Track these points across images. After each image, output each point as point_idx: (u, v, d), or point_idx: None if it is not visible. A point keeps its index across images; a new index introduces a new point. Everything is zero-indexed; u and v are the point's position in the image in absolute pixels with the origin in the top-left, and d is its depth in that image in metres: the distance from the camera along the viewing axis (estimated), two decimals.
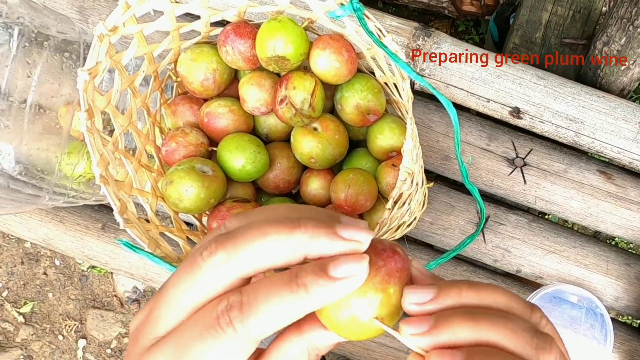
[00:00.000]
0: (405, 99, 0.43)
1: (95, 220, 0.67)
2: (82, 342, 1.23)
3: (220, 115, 0.49)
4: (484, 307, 0.21)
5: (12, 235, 1.25)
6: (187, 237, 0.49)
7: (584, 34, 0.66)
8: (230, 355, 0.20)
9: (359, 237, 0.21)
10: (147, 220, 0.46)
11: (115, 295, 1.22)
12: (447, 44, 0.61)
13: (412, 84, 0.64)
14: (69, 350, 1.23)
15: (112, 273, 1.22)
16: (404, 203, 0.45)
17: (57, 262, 1.23)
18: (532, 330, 0.21)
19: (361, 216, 0.54)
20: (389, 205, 0.41)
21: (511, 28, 0.69)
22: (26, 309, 1.23)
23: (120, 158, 0.45)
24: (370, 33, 0.40)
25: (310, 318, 0.22)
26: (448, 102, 0.35)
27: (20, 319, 1.23)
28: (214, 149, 0.49)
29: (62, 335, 1.23)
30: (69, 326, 1.22)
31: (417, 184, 0.45)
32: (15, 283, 1.23)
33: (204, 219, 0.54)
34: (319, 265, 0.21)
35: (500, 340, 0.20)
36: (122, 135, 0.46)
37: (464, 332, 0.20)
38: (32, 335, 1.22)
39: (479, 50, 0.61)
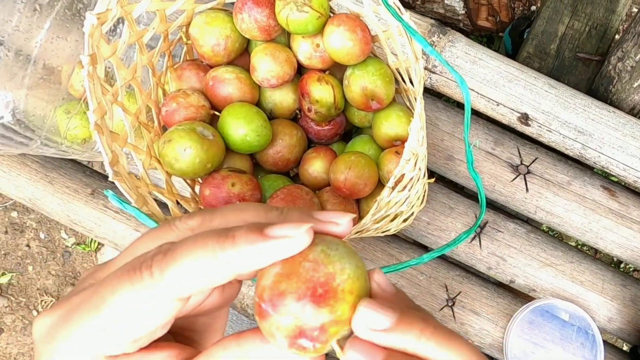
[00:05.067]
0: (417, 79, 0.42)
1: (85, 185, 0.65)
2: None
3: (227, 81, 0.48)
4: None
5: None
6: (177, 202, 0.47)
7: (599, 50, 0.66)
8: (141, 305, 0.18)
9: (334, 217, 0.19)
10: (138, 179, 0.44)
11: None
12: (461, 44, 0.61)
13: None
14: None
15: (96, 252, 1.19)
16: (404, 187, 0.44)
17: (42, 235, 1.21)
18: None
19: (358, 202, 0.52)
20: (390, 183, 0.39)
21: (526, 37, 0.68)
22: (4, 279, 1.20)
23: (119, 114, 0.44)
24: (388, 6, 0.39)
25: (253, 330, 0.19)
26: (461, 78, 0.34)
27: None
28: (216, 112, 0.48)
29: (37, 311, 1.19)
30: (45, 302, 1.19)
31: (419, 169, 0.44)
32: None
33: (197, 189, 0.52)
34: (258, 225, 0.18)
35: None
36: (124, 89, 0.44)
37: None
38: (6, 307, 1.19)
39: (493, 54, 0.61)
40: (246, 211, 0.20)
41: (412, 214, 0.57)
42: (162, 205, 0.49)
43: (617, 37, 0.79)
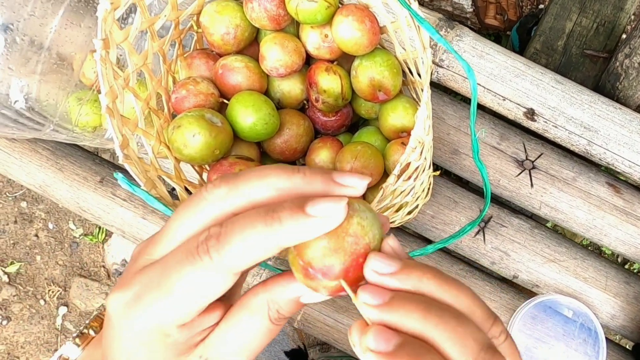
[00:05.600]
0: (425, 69, 0.43)
1: (95, 173, 0.66)
2: (62, 310, 1.21)
3: (236, 69, 0.49)
4: (442, 302, 0.21)
5: (9, 193, 1.24)
6: (186, 188, 0.48)
7: (606, 48, 0.66)
8: (205, 283, 0.21)
9: (353, 182, 0.22)
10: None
11: (104, 266, 1.20)
12: (469, 38, 0.61)
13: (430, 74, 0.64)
14: (49, 316, 1.20)
15: (103, 243, 1.21)
16: (409, 177, 0.44)
17: (51, 226, 1.22)
18: (484, 343, 0.19)
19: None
20: (396, 171, 0.40)
21: (534, 34, 0.69)
22: (12, 269, 1.21)
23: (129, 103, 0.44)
24: None
25: (275, 276, 0.23)
26: (467, 65, 0.34)
27: (5, 278, 1.21)
28: (225, 100, 0.48)
29: (44, 300, 1.21)
30: (52, 292, 1.20)
31: (425, 159, 0.45)
32: (5, 241, 1.22)
33: (204, 176, 0.53)
34: (298, 202, 0.21)
35: (443, 342, 0.19)
36: (135, 74, 0.45)
37: (411, 321, 0.20)
38: (14, 296, 1.20)
39: (500, 49, 0.61)
40: (269, 177, 0.22)
41: (417, 206, 0.57)
42: (170, 193, 0.50)
43: (624, 35, 0.79)
